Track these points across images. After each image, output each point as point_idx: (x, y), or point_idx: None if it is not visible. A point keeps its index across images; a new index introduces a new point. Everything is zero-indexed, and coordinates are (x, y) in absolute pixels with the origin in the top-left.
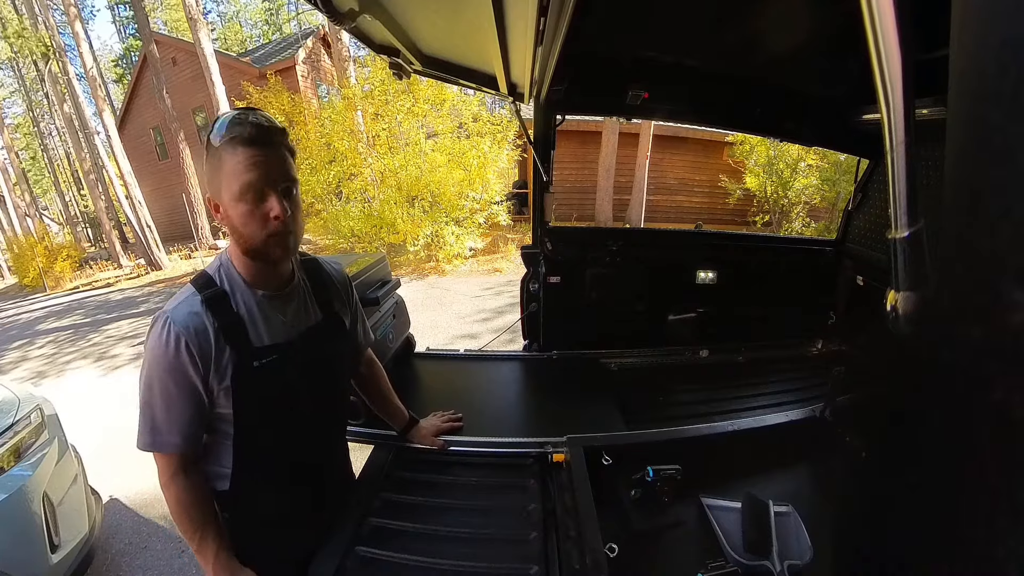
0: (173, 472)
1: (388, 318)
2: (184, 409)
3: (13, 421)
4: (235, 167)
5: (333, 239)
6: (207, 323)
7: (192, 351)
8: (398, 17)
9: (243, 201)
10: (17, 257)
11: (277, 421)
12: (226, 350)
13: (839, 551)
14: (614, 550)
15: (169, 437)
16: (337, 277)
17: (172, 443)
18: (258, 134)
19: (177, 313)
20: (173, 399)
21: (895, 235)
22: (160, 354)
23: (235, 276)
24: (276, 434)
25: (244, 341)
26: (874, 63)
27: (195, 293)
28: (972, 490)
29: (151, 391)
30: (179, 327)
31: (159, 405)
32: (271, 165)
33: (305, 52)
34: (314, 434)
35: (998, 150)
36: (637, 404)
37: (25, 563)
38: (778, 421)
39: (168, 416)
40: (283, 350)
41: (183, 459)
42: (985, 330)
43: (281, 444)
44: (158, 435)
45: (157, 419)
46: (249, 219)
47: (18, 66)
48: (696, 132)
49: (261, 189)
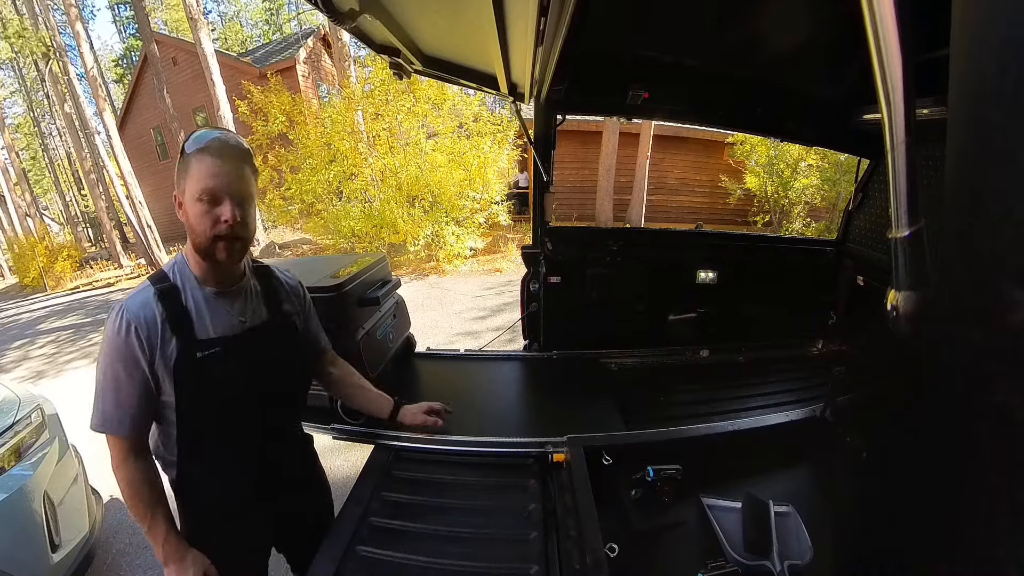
0: (124, 455)
1: (388, 318)
2: (132, 393)
3: (14, 421)
4: (200, 172)
5: (333, 239)
6: (156, 313)
7: (140, 337)
8: (398, 17)
9: (201, 201)
10: (18, 257)
11: (218, 411)
12: (172, 339)
13: (839, 551)
14: (614, 550)
15: (119, 419)
16: (289, 283)
17: (122, 425)
18: (225, 150)
19: (131, 303)
20: (123, 383)
21: (895, 235)
22: (113, 340)
23: (188, 273)
24: (218, 424)
25: (189, 332)
26: (874, 63)
27: (150, 286)
28: (972, 490)
29: (105, 376)
30: (130, 315)
31: (110, 388)
32: (231, 177)
33: (305, 52)
34: (260, 428)
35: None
36: (637, 404)
37: (26, 563)
38: (778, 421)
39: (117, 399)
40: (226, 343)
41: (133, 443)
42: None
43: (223, 434)
44: (108, 417)
45: (108, 402)
46: (203, 218)
47: (19, 66)
48: (696, 132)
49: (218, 195)
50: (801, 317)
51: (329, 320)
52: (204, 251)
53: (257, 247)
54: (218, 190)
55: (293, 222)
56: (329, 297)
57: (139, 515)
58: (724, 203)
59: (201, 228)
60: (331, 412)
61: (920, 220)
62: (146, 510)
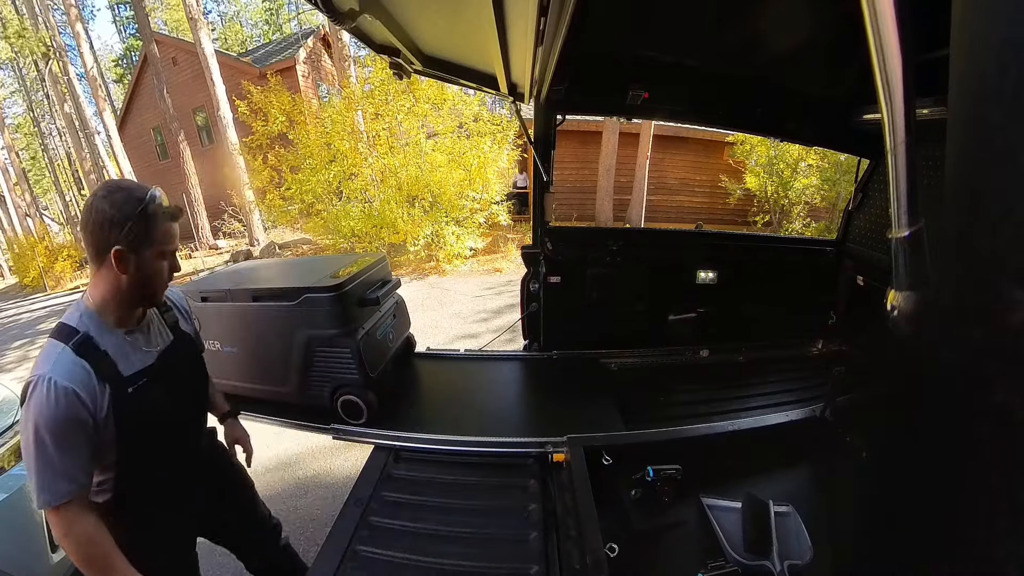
0: (76, 515)
1: (388, 318)
2: (84, 455)
3: (14, 421)
4: (166, 234)
5: (333, 239)
6: (85, 368)
7: (82, 397)
8: (398, 17)
9: (164, 258)
10: (17, 257)
11: (155, 432)
12: (105, 385)
13: (839, 551)
14: (614, 550)
15: (74, 480)
16: (176, 300)
17: (77, 484)
18: (175, 211)
19: (58, 371)
20: (74, 451)
21: (895, 235)
22: (51, 414)
23: (98, 322)
24: (155, 444)
25: (116, 374)
26: (874, 63)
27: (64, 347)
28: (972, 490)
29: (46, 449)
30: (65, 382)
31: (58, 457)
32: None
33: (305, 52)
34: (185, 438)
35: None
36: (637, 404)
37: (25, 562)
38: (778, 421)
39: (72, 463)
40: (150, 372)
41: (82, 498)
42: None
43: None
44: (63, 490)
45: (58, 470)
46: (163, 274)
47: (18, 66)
48: (696, 132)
49: (173, 252)
50: (801, 317)
51: (329, 320)
52: (148, 299)
53: (257, 247)
54: (173, 248)
55: (293, 222)
56: (329, 297)
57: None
58: (724, 203)
59: (160, 281)
60: (331, 412)
61: (920, 220)
62: (105, 562)
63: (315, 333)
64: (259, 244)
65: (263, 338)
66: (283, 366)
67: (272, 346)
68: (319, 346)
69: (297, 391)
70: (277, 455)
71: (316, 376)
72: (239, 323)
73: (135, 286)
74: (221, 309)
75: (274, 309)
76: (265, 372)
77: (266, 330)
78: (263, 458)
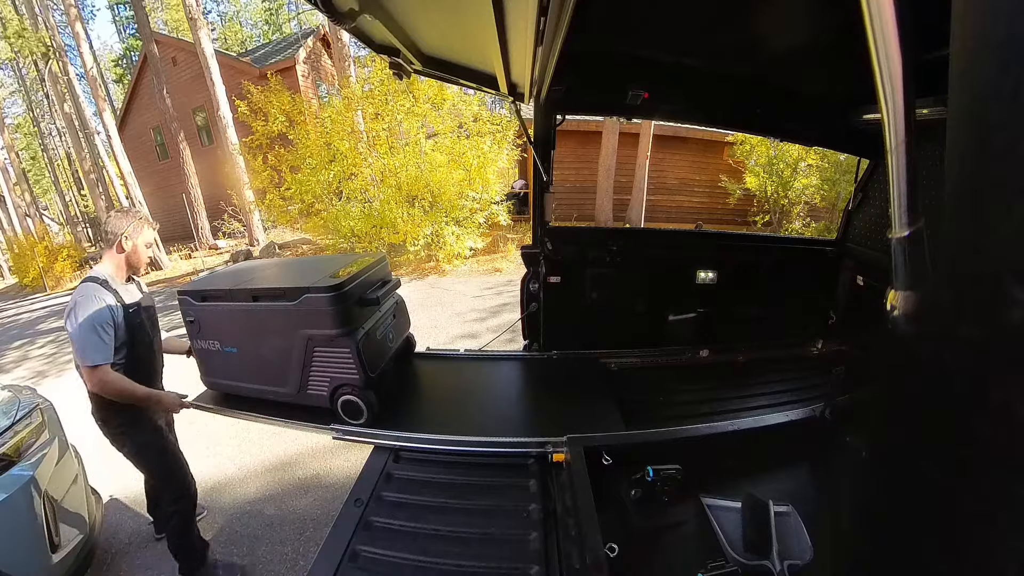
0: (105, 372)
1: (388, 318)
2: (109, 339)
3: (13, 421)
4: (147, 240)
5: (333, 239)
6: (110, 294)
7: (112, 308)
8: (398, 17)
9: (149, 249)
10: (17, 257)
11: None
12: (118, 306)
13: (839, 551)
14: (614, 550)
15: (105, 354)
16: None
17: (105, 356)
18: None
19: (96, 292)
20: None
21: (895, 234)
22: (96, 314)
23: (112, 275)
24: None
25: (123, 301)
26: (874, 63)
27: (98, 284)
28: (972, 489)
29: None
30: (104, 297)
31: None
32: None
33: (305, 52)
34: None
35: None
36: (637, 404)
37: (25, 562)
38: (778, 421)
39: (104, 344)
40: (137, 304)
41: (108, 363)
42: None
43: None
44: (99, 355)
45: (98, 347)
46: (142, 259)
47: (18, 66)
48: (696, 132)
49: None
50: (801, 317)
51: (329, 320)
52: (137, 268)
53: (257, 247)
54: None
55: (293, 222)
56: (329, 297)
57: (137, 398)
58: (724, 203)
59: (145, 259)
60: (331, 413)
61: (920, 220)
62: (134, 391)
63: (315, 333)
64: (259, 244)
65: (263, 338)
66: (283, 366)
67: (272, 346)
68: (319, 346)
69: (296, 391)
70: (277, 455)
71: (316, 376)
72: (239, 323)
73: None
74: (221, 309)
75: (274, 309)
76: (265, 372)
77: (266, 330)
78: (263, 458)
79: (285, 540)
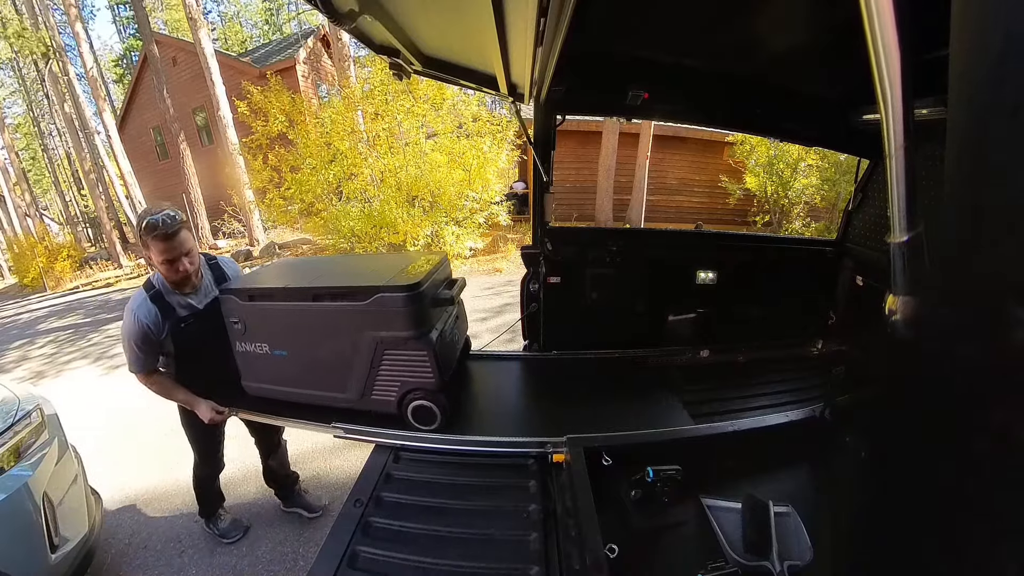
0: (148, 377)
1: (452, 319)
2: (151, 351)
3: (13, 421)
4: (157, 251)
5: (333, 239)
6: (153, 309)
7: (149, 326)
8: (398, 17)
9: (164, 264)
10: (17, 257)
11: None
12: (166, 322)
13: (839, 551)
14: (614, 550)
15: (147, 363)
16: (231, 271)
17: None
18: (166, 233)
19: (139, 309)
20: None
21: (894, 239)
22: (132, 331)
23: (165, 284)
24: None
25: (174, 315)
26: (874, 65)
27: (145, 295)
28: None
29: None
30: (140, 315)
31: (138, 352)
32: (177, 248)
33: (305, 52)
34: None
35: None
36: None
37: (25, 563)
38: (778, 421)
39: (145, 356)
40: (196, 315)
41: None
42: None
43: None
44: (141, 364)
45: (140, 358)
46: (167, 271)
47: (18, 66)
48: (696, 132)
49: (172, 259)
50: (801, 317)
51: (404, 321)
52: (170, 284)
53: (257, 247)
54: (171, 257)
55: (293, 222)
56: (405, 296)
57: (180, 399)
58: (724, 203)
59: (167, 276)
60: (397, 419)
61: (919, 225)
62: (173, 395)
63: (387, 335)
64: (259, 244)
65: (323, 341)
66: (344, 370)
67: (332, 349)
68: (389, 348)
69: (359, 396)
70: None
71: (383, 380)
72: (294, 325)
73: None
74: (274, 309)
75: (340, 309)
76: (321, 377)
77: (328, 332)
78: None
79: (285, 540)
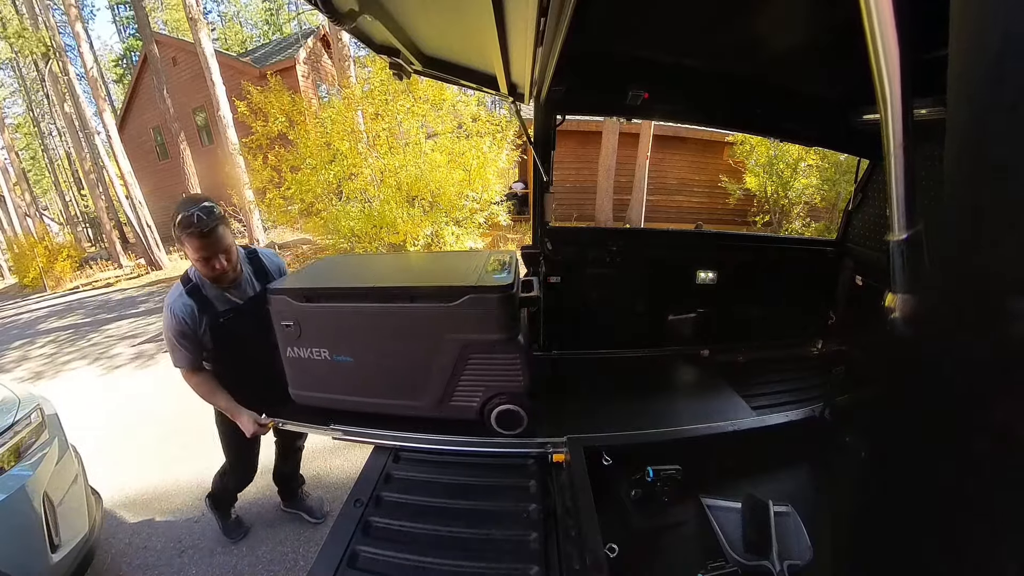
0: (191, 374)
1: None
2: (191, 346)
3: (13, 421)
4: (192, 248)
5: (333, 239)
6: (190, 304)
7: (186, 321)
8: (398, 17)
9: (199, 262)
10: (17, 257)
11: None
12: (203, 316)
13: (839, 551)
14: (614, 550)
15: (188, 358)
16: (271, 264)
17: (190, 360)
18: (201, 231)
19: (174, 302)
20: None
21: (894, 237)
22: (169, 326)
23: (203, 280)
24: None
25: (212, 309)
26: (873, 65)
27: (182, 289)
28: (971, 488)
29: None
30: (177, 310)
31: (178, 347)
32: (213, 246)
33: (305, 52)
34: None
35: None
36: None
37: (25, 563)
38: (778, 421)
39: (185, 351)
40: (236, 310)
41: (195, 368)
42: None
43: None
44: (182, 360)
45: (180, 353)
46: (202, 268)
47: (18, 66)
48: (696, 132)
49: (208, 256)
50: (801, 317)
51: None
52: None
53: (257, 247)
54: (207, 255)
55: (293, 222)
56: (498, 298)
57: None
58: (724, 203)
59: (203, 273)
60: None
61: (918, 223)
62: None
63: (475, 338)
64: (259, 244)
65: (399, 345)
66: (421, 377)
67: (408, 354)
68: (476, 352)
69: (437, 403)
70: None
71: (465, 386)
72: (364, 327)
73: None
74: (338, 311)
75: (421, 312)
76: (393, 384)
77: (406, 335)
78: (263, 458)
79: (285, 540)
